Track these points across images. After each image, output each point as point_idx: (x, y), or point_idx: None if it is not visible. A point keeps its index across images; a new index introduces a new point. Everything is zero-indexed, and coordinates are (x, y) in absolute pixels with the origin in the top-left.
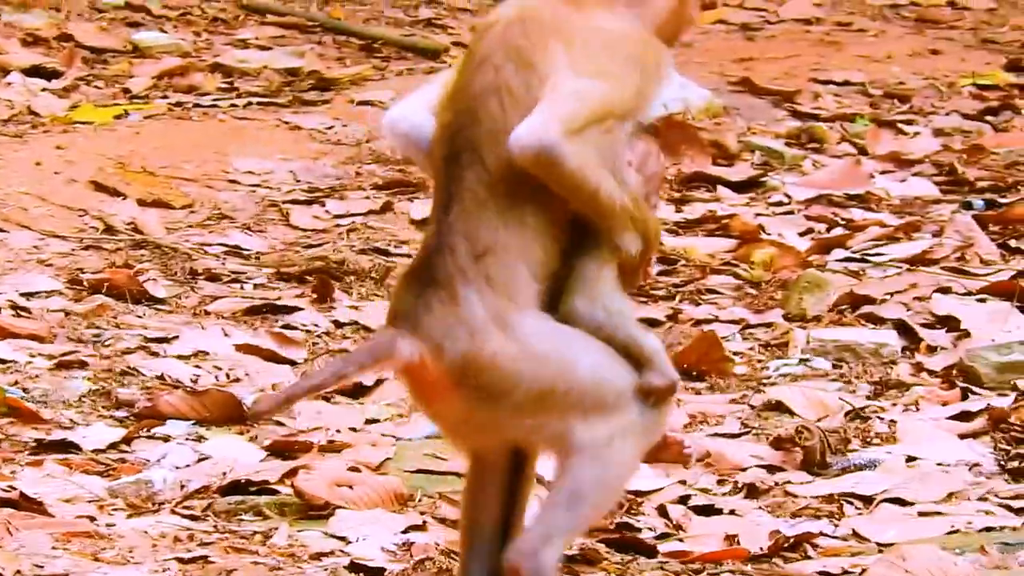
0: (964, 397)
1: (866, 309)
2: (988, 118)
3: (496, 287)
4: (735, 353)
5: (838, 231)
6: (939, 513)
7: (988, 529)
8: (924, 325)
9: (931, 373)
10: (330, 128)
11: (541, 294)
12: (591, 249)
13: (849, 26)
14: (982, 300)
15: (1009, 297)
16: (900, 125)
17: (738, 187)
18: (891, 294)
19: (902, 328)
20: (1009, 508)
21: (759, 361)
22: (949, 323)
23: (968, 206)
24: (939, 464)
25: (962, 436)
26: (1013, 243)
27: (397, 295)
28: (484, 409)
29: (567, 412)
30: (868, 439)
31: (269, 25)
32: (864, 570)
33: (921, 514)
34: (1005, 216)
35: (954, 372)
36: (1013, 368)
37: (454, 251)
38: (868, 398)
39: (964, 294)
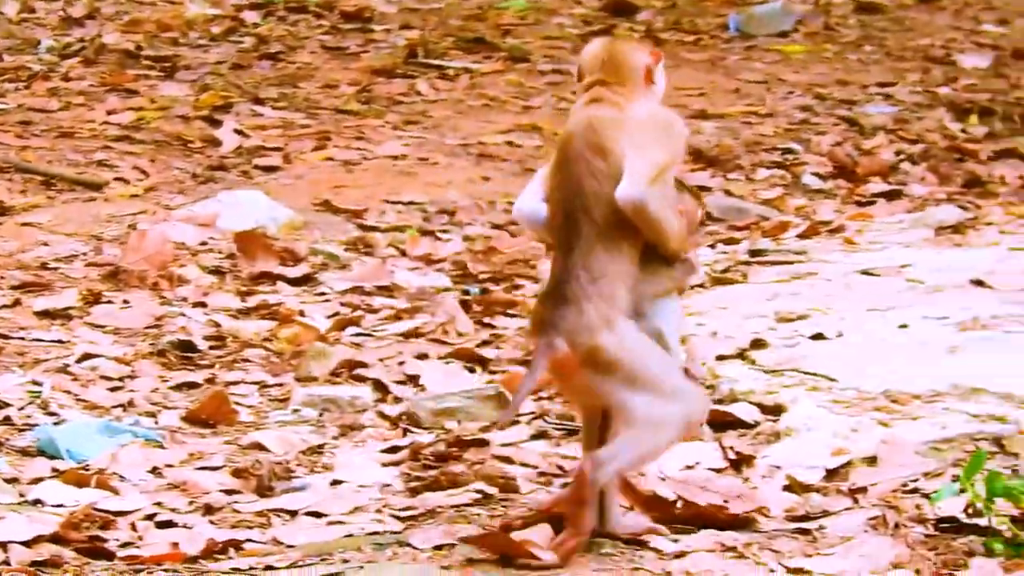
0: (404, 435)
1: (358, 372)
2: (510, 227)
3: (606, 300)
4: (249, 407)
5: (359, 313)
6: (341, 523)
7: (374, 533)
8: (397, 382)
9: (386, 417)
10: None
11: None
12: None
13: (426, 160)
14: (448, 363)
15: (469, 361)
16: (439, 234)
17: (295, 282)
18: (381, 360)
19: (378, 385)
20: (397, 518)
21: (263, 412)
22: (415, 380)
23: (466, 292)
24: (360, 486)
25: (385, 464)
26: (487, 320)
27: (538, 311)
28: (598, 381)
29: (640, 389)
30: (314, 468)
31: None
32: (268, 567)
33: (329, 523)
34: (486, 300)
35: (404, 417)
36: (445, 413)
37: (578, 278)
38: (333, 438)
39: (438, 359)
